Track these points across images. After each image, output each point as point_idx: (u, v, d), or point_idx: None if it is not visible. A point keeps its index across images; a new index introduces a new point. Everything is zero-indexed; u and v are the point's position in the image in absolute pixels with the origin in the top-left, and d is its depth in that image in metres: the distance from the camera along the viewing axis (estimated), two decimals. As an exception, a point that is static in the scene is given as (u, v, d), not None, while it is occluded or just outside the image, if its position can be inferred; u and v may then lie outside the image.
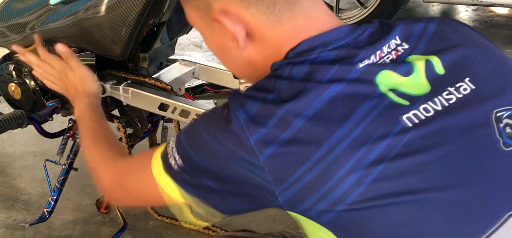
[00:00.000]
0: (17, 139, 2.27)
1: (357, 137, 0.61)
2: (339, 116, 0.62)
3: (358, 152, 0.61)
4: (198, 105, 1.31)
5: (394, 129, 0.62)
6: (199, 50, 3.41)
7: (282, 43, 0.72)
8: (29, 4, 1.41)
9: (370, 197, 0.60)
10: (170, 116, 1.33)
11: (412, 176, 0.61)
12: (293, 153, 0.62)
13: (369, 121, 0.62)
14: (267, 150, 0.63)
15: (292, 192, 0.63)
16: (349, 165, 0.61)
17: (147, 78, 1.41)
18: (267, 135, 0.63)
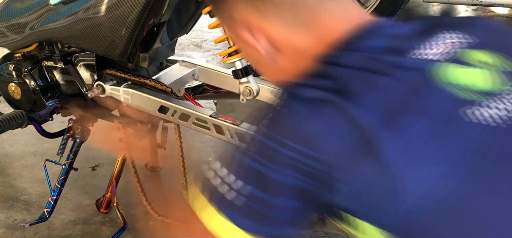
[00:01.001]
0: (17, 139, 2.27)
1: (430, 136, 0.57)
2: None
3: (430, 152, 0.57)
4: (198, 109, 1.30)
5: (464, 126, 0.58)
6: (199, 50, 3.41)
7: (311, 47, 0.69)
8: (29, 4, 1.41)
9: (438, 200, 0.57)
10: (170, 119, 1.33)
11: (486, 178, 0.57)
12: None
13: (435, 119, 0.58)
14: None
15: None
16: (421, 165, 0.57)
17: (147, 79, 1.41)
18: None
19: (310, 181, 0.61)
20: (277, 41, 0.71)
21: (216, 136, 1.27)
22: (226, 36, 1.09)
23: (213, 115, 1.26)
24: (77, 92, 1.52)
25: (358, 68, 0.63)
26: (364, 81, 0.61)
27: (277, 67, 0.74)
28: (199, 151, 2.17)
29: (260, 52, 0.72)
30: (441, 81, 0.61)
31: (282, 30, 0.70)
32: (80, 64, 1.50)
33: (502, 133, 0.58)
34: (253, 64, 0.80)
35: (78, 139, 1.58)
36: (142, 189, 1.66)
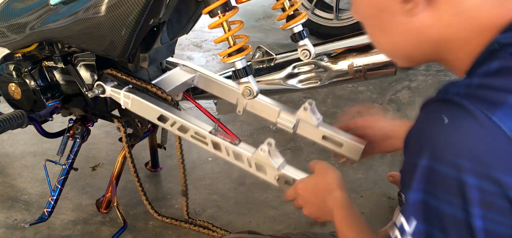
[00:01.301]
0: (17, 139, 2.27)
1: None
2: None
3: None
4: (198, 123, 1.29)
5: None
6: (199, 50, 3.41)
7: (484, 15, 0.57)
8: (29, 4, 1.41)
9: None
10: (168, 128, 1.33)
11: None
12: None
13: None
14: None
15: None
16: None
17: (148, 85, 1.40)
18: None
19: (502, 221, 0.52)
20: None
21: (213, 151, 1.27)
22: (227, 36, 1.09)
23: (213, 131, 1.26)
24: (77, 92, 1.52)
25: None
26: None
27: (416, 27, 0.60)
28: (199, 150, 2.17)
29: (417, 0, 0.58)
30: None
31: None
32: (80, 64, 1.50)
33: None
34: (375, 19, 0.64)
35: (78, 139, 1.58)
36: (142, 189, 1.66)
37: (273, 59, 1.62)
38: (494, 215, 0.51)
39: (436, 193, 0.53)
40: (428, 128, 0.55)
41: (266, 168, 1.19)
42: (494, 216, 0.51)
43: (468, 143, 0.51)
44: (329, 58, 1.51)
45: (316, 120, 1.29)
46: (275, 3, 1.26)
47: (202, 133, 1.27)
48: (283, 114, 1.34)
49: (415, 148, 0.56)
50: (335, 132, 1.26)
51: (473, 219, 0.51)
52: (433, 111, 0.57)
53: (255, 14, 4.14)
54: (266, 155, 1.15)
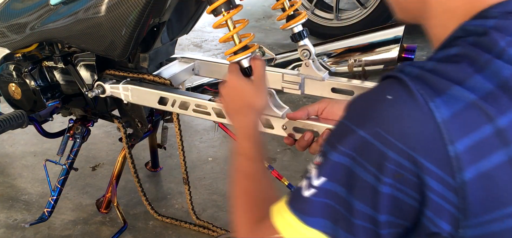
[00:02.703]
0: (18, 139, 2.27)
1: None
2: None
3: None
4: (198, 96, 1.30)
5: None
6: (199, 50, 3.42)
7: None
8: (29, 4, 1.41)
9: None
10: (170, 109, 1.33)
11: None
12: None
13: None
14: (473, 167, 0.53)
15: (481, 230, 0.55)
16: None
17: (146, 75, 1.41)
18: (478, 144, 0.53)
19: (409, 192, 0.56)
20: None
21: (218, 120, 1.27)
22: (231, 34, 1.08)
23: (212, 99, 1.26)
24: (77, 92, 1.53)
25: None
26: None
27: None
28: (199, 150, 2.17)
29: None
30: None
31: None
32: (80, 64, 1.51)
33: None
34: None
35: (78, 139, 1.58)
36: (142, 189, 1.66)
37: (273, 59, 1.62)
38: (402, 186, 0.55)
39: (361, 162, 0.57)
40: (375, 103, 0.58)
41: (271, 121, 1.16)
42: (402, 187, 0.55)
43: (401, 124, 0.55)
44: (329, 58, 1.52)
45: (321, 74, 1.28)
46: (275, 3, 1.26)
47: (202, 103, 1.27)
48: (287, 76, 1.33)
49: (358, 117, 0.59)
50: (344, 81, 1.25)
51: (382, 185, 0.56)
52: (383, 87, 0.59)
53: (255, 14, 4.14)
54: (268, 105, 1.14)
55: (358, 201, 0.57)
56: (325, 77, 1.29)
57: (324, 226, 0.59)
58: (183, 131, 1.56)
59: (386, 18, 3.18)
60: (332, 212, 0.59)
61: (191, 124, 2.37)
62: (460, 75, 0.55)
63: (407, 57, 1.39)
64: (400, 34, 1.40)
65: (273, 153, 2.09)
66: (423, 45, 3.30)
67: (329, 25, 3.36)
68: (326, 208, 0.59)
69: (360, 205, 0.57)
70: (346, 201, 0.58)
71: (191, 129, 2.33)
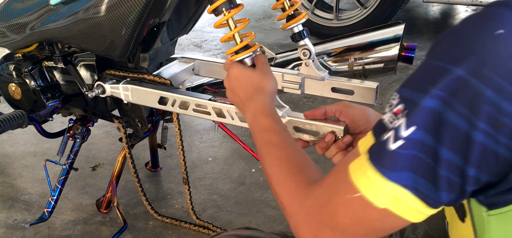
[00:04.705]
0: (18, 139, 2.27)
1: None
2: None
3: None
4: (197, 95, 1.30)
5: None
6: (199, 50, 3.42)
7: None
8: (29, 4, 1.41)
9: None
10: (170, 109, 1.33)
11: None
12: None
13: None
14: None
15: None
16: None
17: (146, 75, 1.41)
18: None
19: (506, 143, 0.49)
20: None
21: (218, 120, 1.27)
22: (232, 33, 1.08)
23: (212, 98, 1.26)
24: (77, 92, 1.53)
25: None
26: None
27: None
28: (199, 150, 2.17)
29: None
30: None
31: None
32: (80, 64, 1.51)
33: None
34: None
35: (78, 139, 1.58)
36: (142, 189, 1.66)
37: (273, 59, 1.61)
38: (500, 135, 0.49)
39: (455, 105, 0.50)
40: (478, 35, 0.50)
41: None
42: (499, 136, 0.49)
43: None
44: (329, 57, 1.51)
45: (321, 73, 1.28)
46: (275, 3, 1.26)
47: (203, 103, 1.27)
48: (287, 76, 1.34)
49: (453, 53, 0.51)
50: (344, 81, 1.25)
51: (476, 132, 0.50)
52: (491, 15, 0.51)
53: (255, 14, 4.14)
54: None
55: (447, 149, 0.51)
56: (325, 76, 1.29)
57: (406, 178, 0.53)
58: (183, 131, 1.56)
59: (386, 18, 3.19)
60: (416, 163, 0.53)
61: (191, 124, 2.37)
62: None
63: (407, 55, 1.39)
64: (400, 33, 1.39)
65: (273, 153, 2.09)
66: (423, 44, 3.30)
67: (329, 25, 3.36)
68: (411, 159, 0.53)
69: (449, 153, 0.51)
70: (433, 150, 0.52)
71: (191, 129, 2.33)
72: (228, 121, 1.24)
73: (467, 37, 0.51)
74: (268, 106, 0.89)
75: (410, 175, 0.53)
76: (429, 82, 0.52)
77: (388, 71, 1.45)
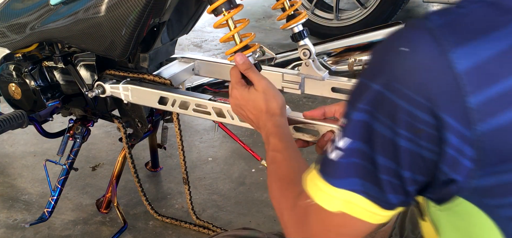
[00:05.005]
0: (17, 139, 2.27)
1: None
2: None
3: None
4: (198, 95, 1.30)
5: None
6: (199, 50, 3.41)
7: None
8: (29, 4, 1.41)
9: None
10: (170, 109, 1.33)
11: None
12: None
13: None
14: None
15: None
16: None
17: (146, 75, 1.41)
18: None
19: (427, 146, 0.55)
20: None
21: (218, 120, 1.27)
22: (232, 34, 1.08)
23: (212, 98, 1.26)
24: (77, 92, 1.53)
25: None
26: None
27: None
28: (199, 150, 2.17)
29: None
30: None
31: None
32: (80, 64, 1.51)
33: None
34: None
35: (78, 139, 1.58)
36: (142, 189, 1.66)
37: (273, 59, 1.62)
38: (421, 141, 0.55)
39: (377, 116, 0.57)
40: (389, 54, 0.57)
41: None
42: (421, 141, 0.55)
43: (417, 75, 0.54)
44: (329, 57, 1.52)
45: (322, 73, 1.28)
46: (275, 3, 1.26)
47: (203, 103, 1.27)
48: (287, 76, 1.33)
49: (373, 70, 0.59)
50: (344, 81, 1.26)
51: (399, 139, 0.55)
52: (399, 36, 0.57)
53: (255, 14, 4.14)
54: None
55: (380, 156, 0.57)
56: (325, 76, 1.29)
57: (354, 184, 0.60)
58: (183, 131, 1.56)
59: (386, 18, 3.18)
60: (360, 170, 0.59)
61: (191, 124, 2.37)
62: (488, 24, 0.53)
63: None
64: (400, 34, 1.40)
65: (273, 153, 2.09)
66: (423, 45, 3.30)
67: (329, 25, 3.36)
68: (354, 166, 0.59)
69: (383, 159, 0.57)
70: (370, 157, 0.58)
71: (191, 129, 2.33)
72: (228, 121, 1.24)
73: (381, 55, 0.59)
74: (277, 126, 0.93)
75: (358, 180, 0.59)
76: (356, 98, 0.59)
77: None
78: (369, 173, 0.59)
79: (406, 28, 0.57)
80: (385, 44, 0.59)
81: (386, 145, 0.57)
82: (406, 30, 0.57)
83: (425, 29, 0.55)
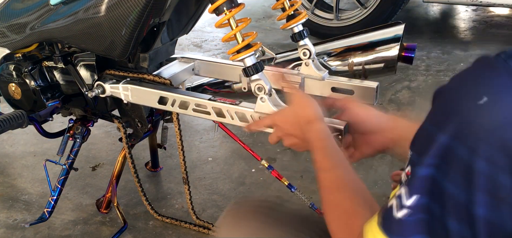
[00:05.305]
0: (17, 139, 2.27)
1: None
2: None
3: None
4: (198, 95, 1.30)
5: None
6: (199, 50, 3.41)
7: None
8: (29, 4, 1.41)
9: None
10: (170, 109, 1.33)
11: None
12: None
13: None
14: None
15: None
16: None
17: (146, 74, 1.42)
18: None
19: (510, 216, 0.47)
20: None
21: (217, 119, 1.27)
22: (234, 32, 1.08)
23: (212, 98, 1.26)
24: (77, 92, 1.53)
25: None
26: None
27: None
28: (199, 150, 2.17)
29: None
30: None
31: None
32: (80, 64, 1.51)
33: None
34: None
35: (78, 139, 1.58)
36: (142, 189, 1.66)
37: (273, 59, 1.61)
38: (502, 210, 0.47)
39: (449, 174, 0.49)
40: (462, 100, 0.48)
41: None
42: (502, 211, 0.47)
43: (504, 133, 0.45)
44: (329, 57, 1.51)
45: (321, 73, 1.28)
46: (275, 3, 1.26)
47: (202, 103, 1.27)
48: (287, 76, 1.33)
49: (441, 116, 0.51)
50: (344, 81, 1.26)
51: (475, 206, 0.48)
52: (476, 78, 0.48)
53: (255, 14, 4.14)
54: (267, 103, 1.14)
55: (453, 221, 0.50)
56: (325, 76, 1.29)
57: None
58: (183, 131, 1.56)
59: (386, 18, 3.19)
60: (427, 226, 0.53)
61: (191, 124, 2.37)
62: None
63: (407, 55, 1.39)
64: (400, 33, 1.39)
65: (273, 153, 2.09)
66: (423, 44, 3.30)
67: (329, 25, 3.36)
68: (421, 223, 0.53)
69: (456, 225, 0.50)
70: (440, 218, 0.51)
71: (191, 129, 2.33)
72: (228, 121, 1.24)
73: (451, 98, 0.50)
74: (317, 140, 0.89)
75: (423, 236, 0.53)
76: (422, 149, 0.53)
77: (388, 71, 1.45)
78: (437, 232, 0.52)
79: (482, 67, 0.48)
80: (457, 85, 0.50)
81: (459, 209, 0.49)
82: (483, 71, 0.48)
83: (507, 71, 0.46)
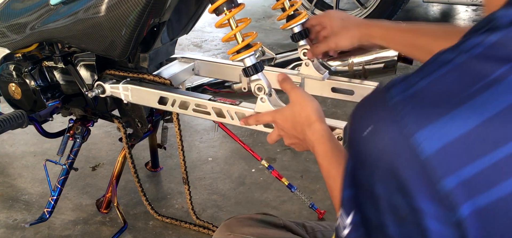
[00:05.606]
0: (18, 139, 2.27)
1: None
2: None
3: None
4: (198, 95, 1.30)
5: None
6: (199, 50, 3.41)
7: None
8: (29, 4, 1.41)
9: None
10: (170, 109, 1.33)
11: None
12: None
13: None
14: None
15: None
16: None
17: (146, 74, 1.42)
18: None
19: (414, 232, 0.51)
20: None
21: (218, 120, 1.27)
22: (234, 33, 1.08)
23: (212, 98, 1.26)
24: (77, 92, 1.53)
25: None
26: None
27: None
28: (199, 150, 2.17)
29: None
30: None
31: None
32: (80, 64, 1.51)
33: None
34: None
35: (78, 139, 1.58)
36: (142, 189, 1.66)
37: (273, 59, 1.61)
38: (407, 227, 0.51)
39: (361, 196, 0.55)
40: (355, 131, 0.55)
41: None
42: (407, 228, 0.51)
43: (390, 161, 0.50)
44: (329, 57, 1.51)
45: (321, 74, 1.28)
46: (275, 3, 1.26)
47: (202, 103, 1.27)
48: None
49: (348, 145, 0.58)
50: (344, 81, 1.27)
51: (388, 228, 0.52)
52: (369, 107, 0.54)
53: (255, 14, 4.14)
54: (267, 103, 1.14)
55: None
56: (325, 76, 1.29)
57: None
58: (183, 131, 1.56)
59: (386, 18, 3.19)
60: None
61: (191, 124, 2.37)
62: (455, 98, 0.48)
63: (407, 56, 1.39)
64: (400, 34, 1.40)
65: (273, 153, 2.09)
66: (423, 45, 3.30)
67: (329, 25, 3.36)
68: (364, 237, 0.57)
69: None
70: (376, 230, 0.55)
71: (191, 129, 2.33)
72: (228, 121, 1.24)
73: (350, 131, 0.56)
74: (320, 134, 0.91)
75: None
76: (345, 170, 0.59)
77: (388, 71, 1.45)
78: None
79: (370, 100, 0.54)
80: (353, 114, 0.56)
81: (378, 230, 0.53)
82: (370, 104, 0.54)
83: (386, 108, 0.51)
